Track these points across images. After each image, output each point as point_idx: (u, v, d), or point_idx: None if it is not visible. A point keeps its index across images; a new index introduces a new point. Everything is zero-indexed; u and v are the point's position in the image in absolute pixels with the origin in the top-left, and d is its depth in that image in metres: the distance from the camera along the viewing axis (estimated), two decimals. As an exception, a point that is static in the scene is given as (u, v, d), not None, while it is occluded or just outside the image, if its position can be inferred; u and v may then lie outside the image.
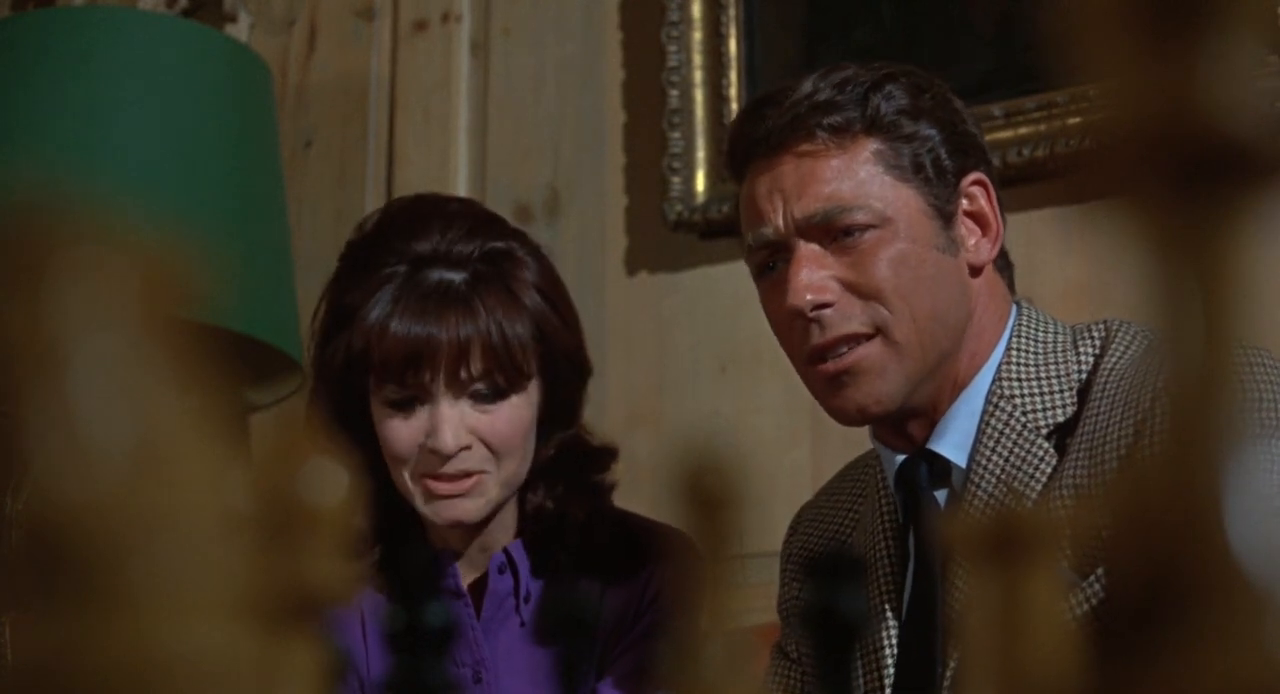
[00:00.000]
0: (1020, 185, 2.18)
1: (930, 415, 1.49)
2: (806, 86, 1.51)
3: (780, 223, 1.48)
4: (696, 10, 2.45)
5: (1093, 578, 1.32)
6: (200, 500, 0.33)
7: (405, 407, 1.60)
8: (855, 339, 1.46)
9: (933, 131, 1.51)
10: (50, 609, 0.32)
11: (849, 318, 1.46)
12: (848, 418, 1.48)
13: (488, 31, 2.65)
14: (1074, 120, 2.16)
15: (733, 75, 2.42)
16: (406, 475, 1.61)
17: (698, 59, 2.44)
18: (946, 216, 1.50)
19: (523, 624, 1.64)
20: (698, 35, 2.45)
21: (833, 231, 1.47)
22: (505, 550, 1.64)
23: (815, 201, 1.47)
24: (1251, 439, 0.34)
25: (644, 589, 1.64)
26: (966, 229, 1.52)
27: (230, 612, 0.33)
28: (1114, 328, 1.48)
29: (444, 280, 1.60)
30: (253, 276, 2.26)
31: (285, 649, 0.42)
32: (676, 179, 2.40)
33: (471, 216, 1.66)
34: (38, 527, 0.32)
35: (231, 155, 2.31)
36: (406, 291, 1.59)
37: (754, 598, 1.75)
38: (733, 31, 2.43)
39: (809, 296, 1.45)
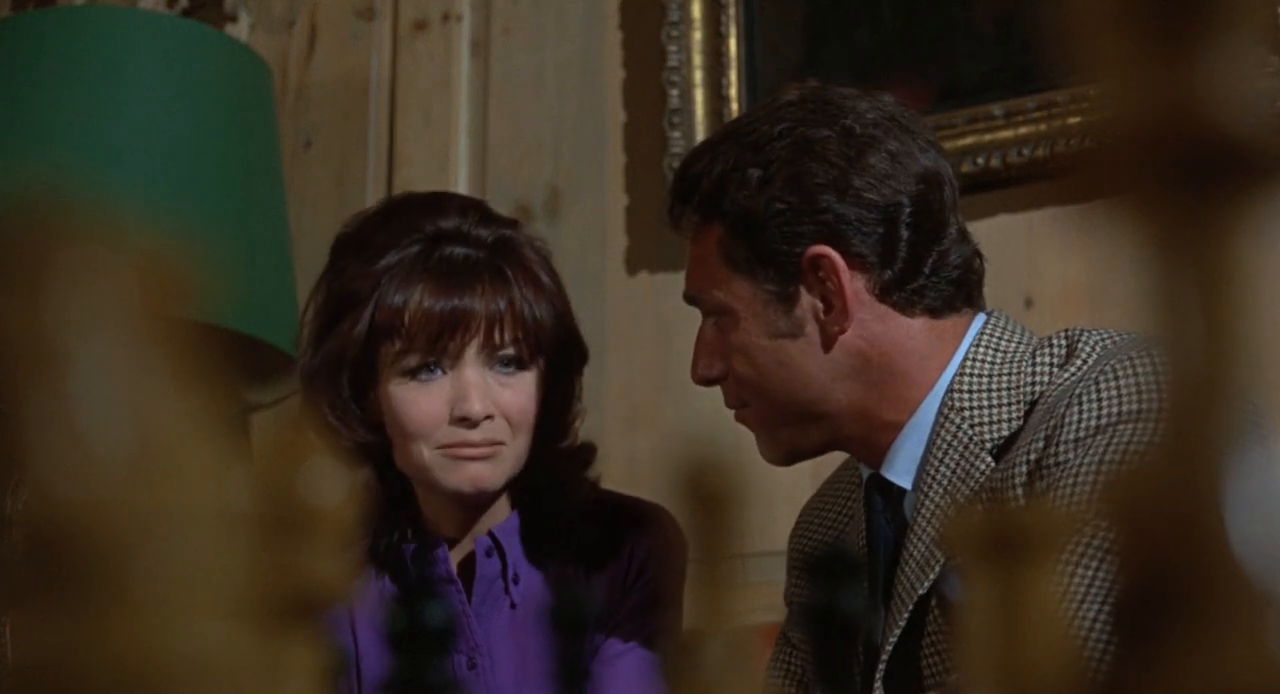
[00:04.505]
0: (1020, 185, 2.18)
1: (877, 445, 1.50)
2: (685, 165, 1.56)
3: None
4: (696, 10, 2.45)
5: None
6: (200, 500, 0.33)
7: (426, 374, 1.59)
8: (737, 405, 1.54)
9: (765, 216, 1.47)
10: (50, 609, 0.32)
11: (730, 391, 1.54)
12: (772, 464, 1.55)
13: (488, 31, 2.65)
14: (1074, 120, 2.16)
15: (733, 75, 2.42)
16: (424, 449, 1.60)
17: (698, 59, 2.44)
18: (786, 299, 1.48)
19: (513, 606, 1.64)
20: (698, 35, 2.45)
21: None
22: (490, 533, 1.64)
23: (687, 283, 1.56)
24: (1251, 438, 0.34)
25: (628, 567, 1.65)
26: (819, 305, 1.48)
27: (230, 611, 0.33)
28: (1075, 338, 1.45)
29: (470, 255, 1.62)
30: (253, 276, 2.26)
31: (285, 649, 0.42)
32: (677, 179, 2.40)
33: (481, 207, 1.69)
34: (38, 526, 0.32)
35: (231, 155, 2.31)
36: (432, 265, 1.60)
37: (754, 598, 1.74)
38: (733, 31, 2.43)
39: (700, 372, 1.54)
